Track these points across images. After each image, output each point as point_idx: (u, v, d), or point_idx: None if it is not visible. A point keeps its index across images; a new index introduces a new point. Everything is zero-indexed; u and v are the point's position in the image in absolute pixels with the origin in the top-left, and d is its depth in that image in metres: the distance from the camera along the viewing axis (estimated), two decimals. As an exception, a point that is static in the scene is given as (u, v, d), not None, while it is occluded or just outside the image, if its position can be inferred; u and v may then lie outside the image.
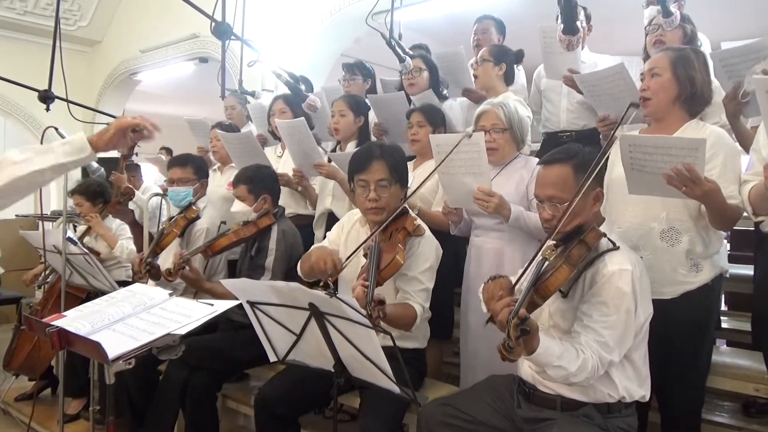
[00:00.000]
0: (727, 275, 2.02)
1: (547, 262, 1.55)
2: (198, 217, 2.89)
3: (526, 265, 1.61)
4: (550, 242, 1.62)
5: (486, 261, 2.32)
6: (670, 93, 1.89)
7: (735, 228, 2.14)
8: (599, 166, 1.59)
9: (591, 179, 1.60)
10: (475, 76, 2.95)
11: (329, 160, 2.89)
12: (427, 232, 2.08)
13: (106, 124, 2.75)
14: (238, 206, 2.63)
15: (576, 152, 1.71)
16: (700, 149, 1.57)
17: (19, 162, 1.58)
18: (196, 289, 2.57)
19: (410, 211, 2.07)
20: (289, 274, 2.54)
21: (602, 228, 1.69)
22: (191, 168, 2.97)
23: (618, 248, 1.62)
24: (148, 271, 2.53)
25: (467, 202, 2.21)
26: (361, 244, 1.95)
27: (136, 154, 3.24)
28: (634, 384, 1.67)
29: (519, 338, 1.33)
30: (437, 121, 2.67)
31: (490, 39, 3.43)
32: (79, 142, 1.66)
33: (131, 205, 3.88)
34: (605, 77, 2.31)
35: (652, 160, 1.64)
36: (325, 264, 1.91)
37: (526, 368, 1.77)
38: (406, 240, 1.96)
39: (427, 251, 2.05)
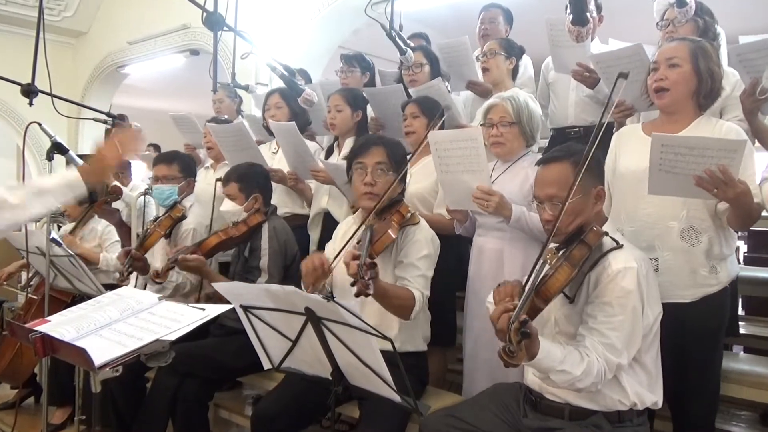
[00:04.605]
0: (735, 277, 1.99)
1: (548, 266, 1.53)
2: (184, 217, 2.84)
3: (533, 267, 1.57)
4: (552, 246, 1.60)
5: (486, 261, 2.28)
6: (690, 86, 1.83)
7: (752, 228, 2.09)
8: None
9: (585, 175, 1.55)
10: (485, 69, 2.89)
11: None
12: (423, 222, 2.09)
13: (93, 119, 2.73)
14: (228, 205, 2.58)
15: (575, 151, 1.68)
16: (738, 150, 1.52)
17: (16, 206, 1.64)
18: (201, 275, 2.56)
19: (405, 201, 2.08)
20: (286, 274, 2.52)
21: (606, 227, 1.65)
22: (177, 165, 2.92)
23: (622, 246, 1.59)
24: (131, 264, 2.52)
25: (467, 203, 2.15)
26: (351, 236, 1.95)
27: None
28: (645, 389, 1.63)
29: (521, 342, 1.32)
30: (435, 113, 2.57)
31: (498, 29, 3.36)
32: (78, 186, 1.73)
33: (118, 204, 3.81)
34: (621, 57, 2.24)
35: (684, 161, 1.58)
36: (312, 263, 1.88)
37: (532, 376, 1.73)
38: (401, 222, 2.01)
39: (423, 239, 2.05)
